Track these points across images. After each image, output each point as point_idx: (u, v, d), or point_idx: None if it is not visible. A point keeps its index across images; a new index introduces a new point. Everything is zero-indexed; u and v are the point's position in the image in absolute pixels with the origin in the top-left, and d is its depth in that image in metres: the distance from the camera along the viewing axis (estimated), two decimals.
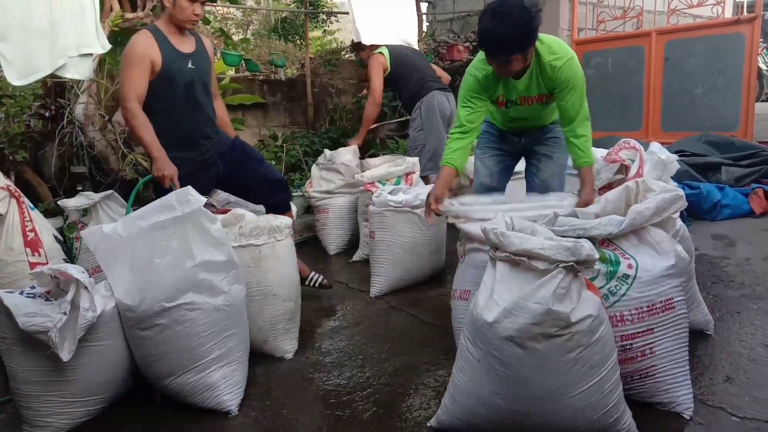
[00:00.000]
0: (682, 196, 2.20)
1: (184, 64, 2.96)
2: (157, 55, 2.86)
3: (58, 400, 2.18)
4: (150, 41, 2.87)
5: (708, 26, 5.64)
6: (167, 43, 2.92)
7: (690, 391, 2.06)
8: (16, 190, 3.13)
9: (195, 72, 2.99)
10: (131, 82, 2.82)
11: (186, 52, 2.98)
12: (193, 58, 3.01)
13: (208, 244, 2.29)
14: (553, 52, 2.55)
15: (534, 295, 1.74)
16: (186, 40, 3.02)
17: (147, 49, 2.84)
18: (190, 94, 2.98)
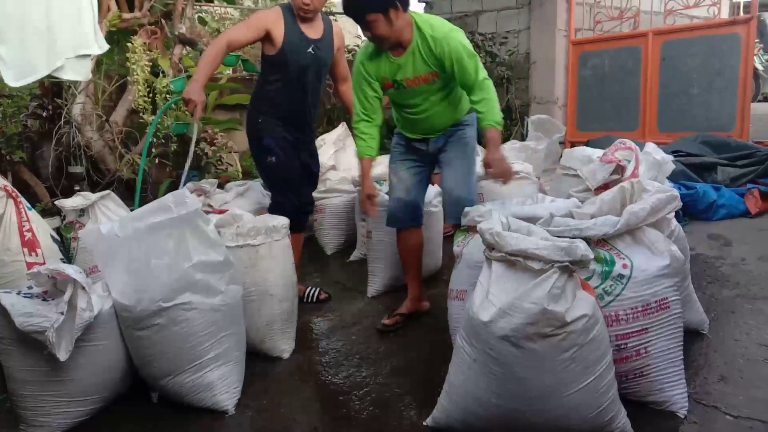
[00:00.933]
0: (676, 196, 2.21)
1: (305, 48, 3.02)
2: (280, 31, 2.96)
3: (55, 400, 2.18)
4: (276, 17, 2.98)
5: (704, 27, 5.66)
6: (294, 24, 2.99)
7: (684, 391, 2.07)
8: (13, 190, 3.13)
9: (313, 58, 3.05)
10: (238, 32, 2.98)
11: (311, 37, 3.04)
12: (317, 45, 3.06)
13: (205, 244, 2.29)
14: (432, 27, 2.60)
15: (529, 295, 1.75)
16: (314, 25, 3.06)
17: (269, 20, 2.96)
18: (301, 78, 3.06)
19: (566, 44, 6.50)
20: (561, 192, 3.29)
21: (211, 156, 4.87)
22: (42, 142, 4.47)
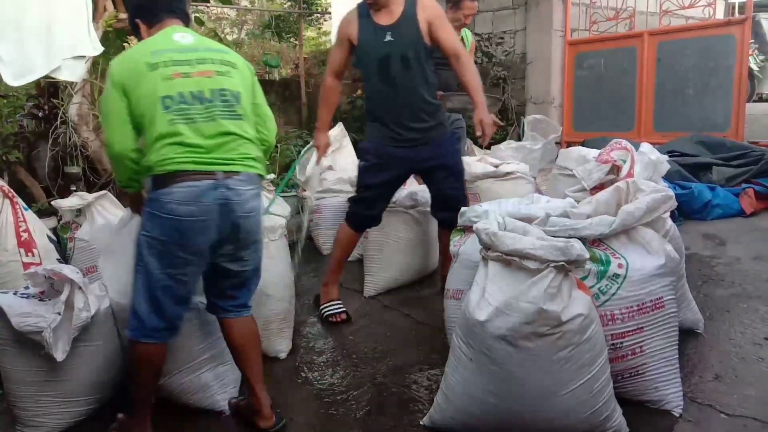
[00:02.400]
0: (671, 196, 2.22)
1: (380, 38, 2.85)
2: (354, 31, 2.91)
3: (52, 400, 2.19)
4: (350, 17, 2.95)
5: (699, 27, 5.68)
6: (367, 17, 2.89)
7: (680, 389, 2.08)
8: (9, 190, 3.13)
9: (391, 46, 2.83)
10: (331, 57, 3.12)
11: (384, 24, 2.85)
12: (394, 29, 2.84)
13: None
14: None
15: (525, 295, 1.76)
16: (390, 10, 2.85)
17: (344, 27, 2.96)
18: (384, 71, 2.87)
19: (562, 44, 6.52)
20: (557, 192, 3.30)
21: None
22: (38, 142, 4.47)
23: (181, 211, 1.88)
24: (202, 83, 1.98)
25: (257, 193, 2.07)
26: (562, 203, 2.43)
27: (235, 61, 2.11)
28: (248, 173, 2.02)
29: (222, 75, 2.03)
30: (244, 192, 1.99)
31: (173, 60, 1.98)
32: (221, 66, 2.04)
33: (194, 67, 1.99)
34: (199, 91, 1.97)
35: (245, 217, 2.01)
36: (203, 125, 1.94)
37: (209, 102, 1.97)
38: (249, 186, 2.01)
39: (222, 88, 2.00)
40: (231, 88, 2.03)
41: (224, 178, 1.94)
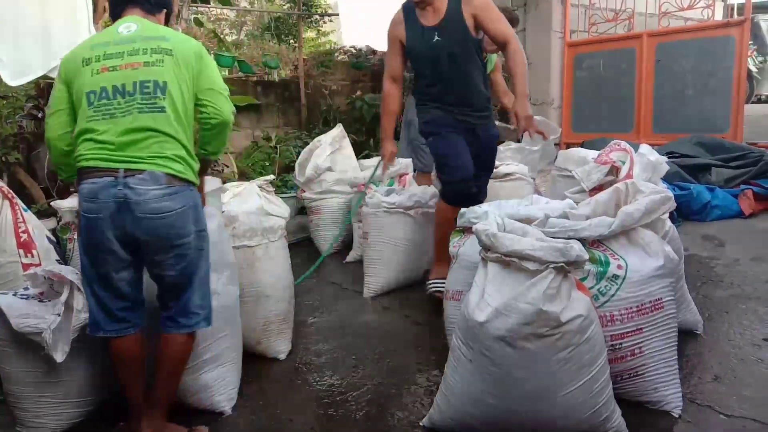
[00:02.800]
0: (671, 197, 2.22)
1: (428, 39, 2.90)
2: (402, 33, 2.95)
3: (51, 401, 2.19)
4: (397, 19, 2.97)
5: (698, 29, 5.69)
6: (414, 17, 2.90)
7: (679, 390, 2.08)
8: (8, 191, 3.12)
9: (440, 44, 2.89)
10: (387, 61, 3.10)
11: (431, 24, 2.89)
12: (440, 29, 2.88)
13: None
14: None
15: (525, 296, 1.76)
16: (435, 8, 2.88)
17: (393, 30, 3.00)
18: (435, 69, 2.93)
19: (561, 46, 6.53)
20: (556, 193, 3.30)
21: None
22: (37, 143, 4.46)
23: (85, 208, 1.93)
24: (128, 76, 1.95)
25: (168, 194, 1.93)
26: (561, 204, 2.44)
27: (171, 47, 2.00)
28: (153, 172, 1.91)
29: (150, 65, 1.97)
30: (146, 192, 1.89)
31: (105, 54, 1.99)
32: (153, 55, 1.97)
33: (123, 59, 1.97)
34: (123, 84, 1.95)
35: (149, 219, 1.91)
36: (121, 120, 1.92)
37: (130, 96, 1.94)
38: (154, 186, 1.90)
39: (146, 79, 1.95)
40: (156, 78, 1.96)
41: (125, 176, 1.89)
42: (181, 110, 1.99)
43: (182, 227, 1.97)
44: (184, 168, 1.97)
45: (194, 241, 2.01)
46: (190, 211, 1.99)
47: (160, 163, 1.93)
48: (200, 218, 2.06)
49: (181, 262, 2.01)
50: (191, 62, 2.02)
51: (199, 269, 2.06)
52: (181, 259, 2.00)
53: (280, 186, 5.49)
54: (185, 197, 1.98)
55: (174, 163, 1.95)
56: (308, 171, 4.47)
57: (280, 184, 5.54)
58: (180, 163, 1.97)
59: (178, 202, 1.95)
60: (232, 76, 6.49)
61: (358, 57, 7.05)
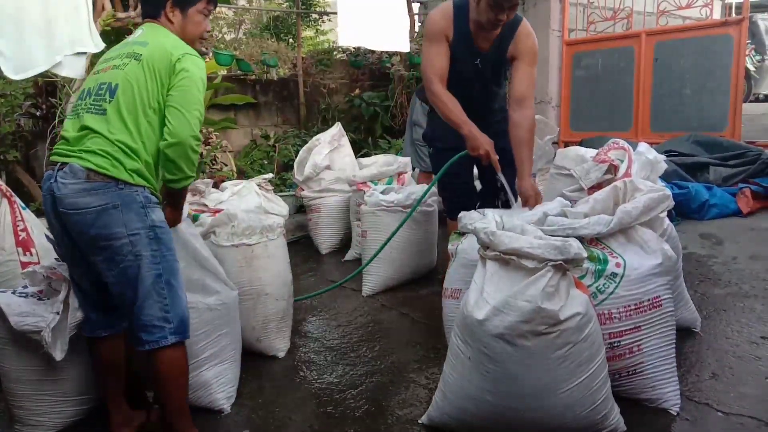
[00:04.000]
0: (669, 195, 2.23)
1: (471, 60, 2.65)
2: (450, 33, 2.61)
3: (50, 399, 2.19)
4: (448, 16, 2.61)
5: (696, 27, 5.69)
6: (466, 29, 2.60)
7: (677, 388, 2.09)
8: (7, 189, 3.11)
9: (478, 71, 2.68)
10: (430, 60, 2.63)
11: (481, 47, 2.64)
12: (484, 58, 2.65)
13: (200, 243, 2.30)
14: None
15: (523, 294, 1.76)
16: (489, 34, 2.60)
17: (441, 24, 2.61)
18: (465, 88, 2.69)
19: (560, 44, 6.52)
20: (555, 191, 3.30)
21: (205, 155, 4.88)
22: (36, 141, 4.47)
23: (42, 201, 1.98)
24: (99, 78, 2.00)
25: (86, 189, 1.85)
26: (553, 204, 2.43)
27: (143, 52, 1.96)
28: (72, 165, 1.86)
29: (116, 68, 1.97)
30: (64, 185, 1.85)
31: (105, 58, 2.06)
32: (124, 59, 1.98)
33: (108, 63, 2.03)
34: (92, 87, 2.00)
35: (69, 214, 1.86)
36: (80, 118, 1.96)
37: (90, 96, 1.98)
38: (71, 180, 1.85)
39: (104, 81, 1.96)
40: (110, 81, 1.95)
41: (57, 170, 1.89)
42: (127, 114, 1.90)
43: (105, 227, 1.86)
44: (110, 164, 1.86)
45: (127, 247, 1.88)
46: (114, 211, 1.86)
47: (83, 157, 1.87)
48: (133, 220, 1.89)
49: (113, 268, 1.90)
50: (161, 71, 1.94)
51: (142, 278, 1.90)
52: (111, 264, 1.89)
53: (278, 184, 5.50)
54: (108, 195, 1.86)
55: (96, 157, 1.86)
56: (307, 169, 4.47)
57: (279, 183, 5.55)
58: (105, 158, 1.86)
59: (98, 200, 1.85)
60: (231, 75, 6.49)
61: (357, 56, 7.05)
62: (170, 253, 1.98)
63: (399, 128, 6.63)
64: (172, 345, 1.96)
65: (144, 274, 1.91)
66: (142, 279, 1.91)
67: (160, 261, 1.94)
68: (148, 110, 1.93)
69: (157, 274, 1.93)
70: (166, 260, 1.96)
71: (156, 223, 1.94)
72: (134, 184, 1.90)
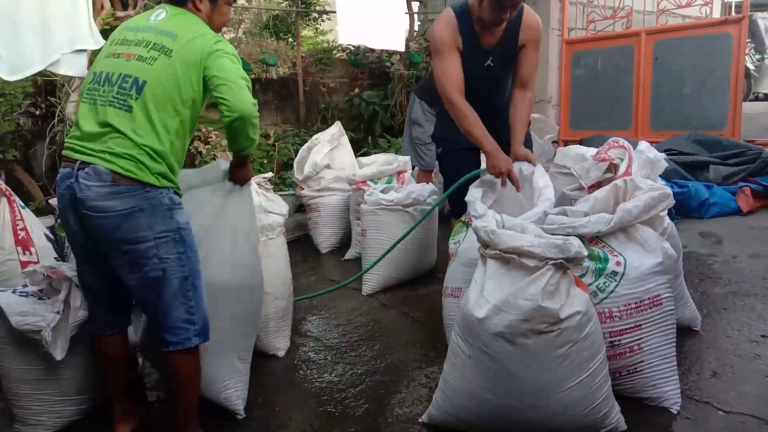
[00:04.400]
0: (669, 194, 2.22)
1: (480, 61, 2.62)
2: (459, 42, 2.58)
3: (50, 399, 2.19)
4: (451, 24, 2.57)
5: (696, 26, 5.69)
6: (471, 31, 2.56)
7: (677, 387, 2.09)
8: (6, 188, 3.11)
9: (491, 69, 2.65)
10: (445, 72, 2.59)
11: (487, 45, 2.60)
12: (495, 54, 2.62)
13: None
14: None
15: (524, 292, 1.76)
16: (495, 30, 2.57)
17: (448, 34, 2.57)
18: (475, 88, 2.65)
19: (559, 43, 6.52)
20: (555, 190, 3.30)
21: (205, 154, 4.88)
22: (35, 140, 4.46)
23: (57, 197, 1.94)
24: (120, 66, 1.91)
25: (113, 193, 1.81)
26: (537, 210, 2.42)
27: (174, 47, 1.89)
28: (96, 167, 1.81)
29: (141, 60, 1.89)
30: (87, 187, 1.81)
31: (123, 39, 1.98)
32: (151, 51, 1.90)
33: (129, 48, 1.93)
34: (112, 73, 1.91)
35: (93, 217, 1.82)
36: (100, 109, 1.88)
37: (111, 86, 1.88)
38: (96, 182, 1.80)
39: (129, 73, 1.88)
40: (139, 76, 1.87)
41: (78, 169, 1.83)
42: (156, 114, 1.86)
43: (130, 231, 1.83)
44: (135, 167, 1.83)
45: (152, 250, 1.85)
46: (141, 215, 1.83)
47: (107, 159, 1.82)
48: (159, 224, 1.86)
49: (136, 271, 1.87)
50: (196, 63, 1.89)
51: (169, 281, 1.89)
52: (135, 267, 1.87)
53: (278, 183, 5.50)
54: (135, 199, 1.83)
55: (122, 161, 1.82)
56: (306, 168, 4.47)
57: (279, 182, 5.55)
58: (131, 161, 1.83)
59: (124, 203, 1.82)
60: None
61: (357, 54, 7.05)
62: (194, 255, 1.96)
63: (399, 127, 6.63)
64: (195, 347, 1.96)
65: (170, 276, 1.89)
66: (169, 282, 1.89)
67: (186, 263, 1.92)
68: (180, 108, 1.90)
69: (183, 277, 1.91)
70: (192, 262, 1.94)
71: (181, 225, 1.92)
72: (160, 187, 1.88)
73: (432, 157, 4.64)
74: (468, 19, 2.55)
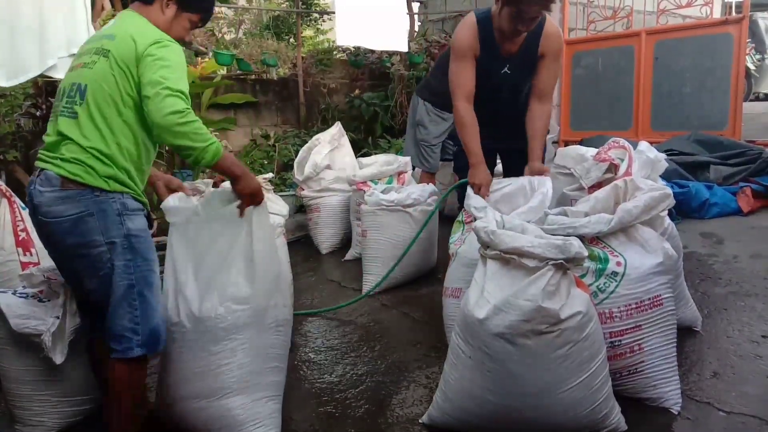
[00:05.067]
0: (669, 194, 2.22)
1: (498, 68, 2.67)
2: (477, 48, 2.63)
3: (50, 400, 2.20)
4: (472, 29, 2.62)
5: (697, 26, 5.69)
6: (491, 39, 2.60)
7: (678, 387, 2.08)
8: (7, 189, 3.12)
9: (508, 77, 2.69)
10: (457, 78, 2.67)
11: (507, 53, 2.65)
12: (512, 62, 2.67)
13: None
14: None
15: (524, 293, 1.76)
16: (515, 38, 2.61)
17: (467, 40, 2.63)
18: (492, 95, 2.74)
19: None
20: (555, 191, 3.30)
21: None
22: (36, 141, 4.46)
23: None
24: (71, 77, 1.96)
25: (62, 197, 1.83)
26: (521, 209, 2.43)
27: (111, 47, 1.89)
28: (47, 172, 1.85)
29: (85, 67, 1.92)
30: (41, 193, 1.85)
31: (80, 52, 2.02)
32: (93, 56, 1.92)
33: (80, 59, 1.98)
34: (66, 86, 1.95)
35: (46, 223, 1.86)
36: (57, 120, 1.91)
37: (63, 98, 1.93)
38: (47, 187, 1.84)
39: (75, 82, 1.92)
40: (80, 82, 1.90)
41: (36, 176, 1.89)
42: (99, 115, 1.86)
43: (82, 235, 1.85)
44: (83, 171, 1.84)
45: (106, 254, 1.86)
46: (91, 219, 1.84)
47: (57, 164, 1.85)
48: (110, 228, 1.87)
49: (93, 276, 1.89)
50: (129, 64, 1.87)
51: (115, 286, 1.88)
52: (92, 272, 1.89)
53: (278, 184, 5.50)
54: (84, 203, 1.84)
55: (70, 165, 1.84)
56: (307, 169, 4.47)
57: (279, 183, 5.55)
58: (78, 165, 1.84)
59: (73, 207, 1.83)
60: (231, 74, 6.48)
61: (357, 55, 7.05)
62: (145, 264, 1.94)
63: (399, 128, 6.63)
64: (136, 358, 1.92)
65: (116, 283, 1.88)
66: (115, 288, 1.88)
67: (134, 271, 1.90)
68: (122, 108, 1.89)
69: (129, 285, 1.90)
70: (140, 270, 1.92)
71: (131, 231, 1.90)
72: (110, 191, 1.88)
73: (436, 159, 4.63)
74: (489, 26, 2.58)
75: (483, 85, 2.69)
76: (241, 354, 2.01)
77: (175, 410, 2.05)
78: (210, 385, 1.99)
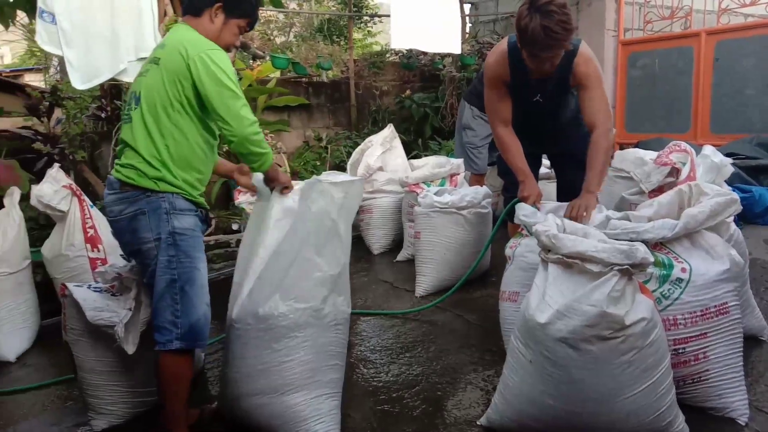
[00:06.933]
0: (736, 200, 2.17)
1: (530, 95, 2.66)
2: (507, 76, 2.63)
3: (120, 390, 2.29)
4: (501, 56, 2.61)
5: (760, 26, 5.50)
6: (521, 65, 2.54)
7: (745, 397, 2.03)
8: (77, 188, 3.27)
9: (539, 104, 2.68)
10: (493, 105, 2.73)
11: (536, 77, 2.57)
12: (544, 89, 2.63)
13: None
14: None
15: (588, 298, 1.75)
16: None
17: (496, 69, 2.65)
18: (528, 117, 2.75)
19: (615, 44, 6.40)
20: (612, 194, 3.26)
21: None
22: (101, 142, 4.65)
23: None
24: (133, 85, 2.13)
25: (120, 198, 2.02)
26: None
27: (161, 56, 2.02)
28: (110, 178, 2.08)
29: (141, 75, 2.09)
30: (107, 195, 2.08)
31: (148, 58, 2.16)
32: (148, 65, 2.07)
33: (142, 68, 2.13)
34: (129, 94, 2.14)
35: (111, 222, 2.10)
36: (122, 129, 2.11)
37: (126, 106, 2.12)
38: (110, 190, 2.06)
39: (134, 90, 2.09)
40: (136, 89, 2.07)
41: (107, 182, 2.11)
42: (150, 118, 1.99)
43: (135, 232, 2.01)
44: (135, 174, 2.00)
45: (153, 251, 2.00)
46: (142, 217, 2.00)
47: (117, 170, 2.05)
48: (158, 226, 2.00)
49: (146, 270, 2.07)
50: (177, 72, 1.97)
51: (159, 280, 2.00)
52: (145, 266, 2.07)
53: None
54: (138, 203, 2.00)
55: (125, 170, 2.02)
56: (360, 170, 4.52)
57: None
58: (132, 170, 2.01)
59: (128, 207, 2.01)
60: (284, 77, 6.60)
61: (409, 57, 7.08)
62: (189, 261, 2.03)
63: (449, 129, 6.62)
64: (176, 350, 2.01)
65: (159, 277, 2.01)
66: (158, 282, 2.01)
67: (176, 267, 2.01)
68: (170, 111, 1.99)
69: (171, 279, 2.01)
70: (183, 266, 2.02)
71: (176, 229, 2.01)
72: (160, 191, 2.01)
73: (484, 160, 4.63)
74: (520, 54, 2.51)
75: (518, 107, 2.72)
76: (303, 351, 2.06)
77: (239, 406, 2.10)
78: (273, 381, 2.03)
